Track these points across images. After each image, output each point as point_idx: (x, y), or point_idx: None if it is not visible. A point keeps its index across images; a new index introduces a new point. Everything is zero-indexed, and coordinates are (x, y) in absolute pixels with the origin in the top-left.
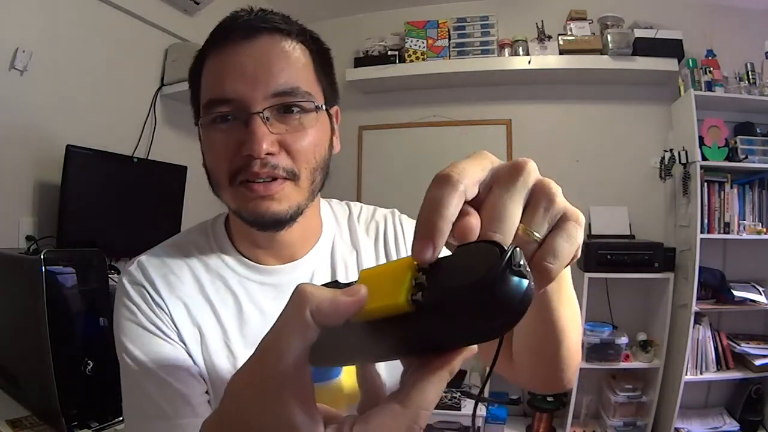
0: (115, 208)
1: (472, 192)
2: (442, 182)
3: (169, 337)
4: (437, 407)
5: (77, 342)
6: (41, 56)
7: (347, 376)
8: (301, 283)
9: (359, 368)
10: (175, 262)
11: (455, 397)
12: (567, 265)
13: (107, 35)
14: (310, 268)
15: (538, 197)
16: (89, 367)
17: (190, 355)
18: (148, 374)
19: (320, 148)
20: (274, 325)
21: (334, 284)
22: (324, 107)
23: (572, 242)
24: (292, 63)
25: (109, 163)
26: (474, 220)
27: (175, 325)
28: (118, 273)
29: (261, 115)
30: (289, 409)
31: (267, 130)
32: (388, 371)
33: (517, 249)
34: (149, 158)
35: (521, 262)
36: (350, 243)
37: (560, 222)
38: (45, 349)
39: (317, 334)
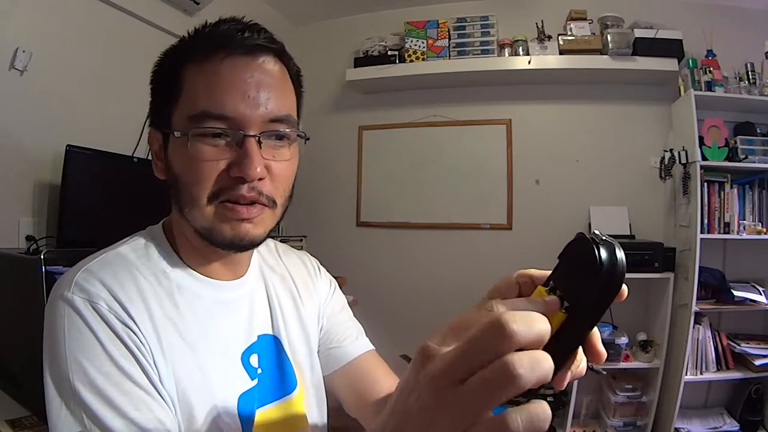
0: (115, 208)
1: None
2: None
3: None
4: None
5: None
6: (41, 56)
7: (300, 394)
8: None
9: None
10: (132, 286)
11: None
12: None
13: (107, 35)
14: (251, 284)
15: None
16: None
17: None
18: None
19: (293, 176)
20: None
21: None
22: (305, 136)
23: None
24: (287, 89)
25: (109, 163)
26: None
27: (156, 368)
28: None
29: (256, 138)
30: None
31: (260, 155)
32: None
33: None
34: (149, 158)
35: (604, 237)
36: (270, 259)
37: None
38: None
39: None
